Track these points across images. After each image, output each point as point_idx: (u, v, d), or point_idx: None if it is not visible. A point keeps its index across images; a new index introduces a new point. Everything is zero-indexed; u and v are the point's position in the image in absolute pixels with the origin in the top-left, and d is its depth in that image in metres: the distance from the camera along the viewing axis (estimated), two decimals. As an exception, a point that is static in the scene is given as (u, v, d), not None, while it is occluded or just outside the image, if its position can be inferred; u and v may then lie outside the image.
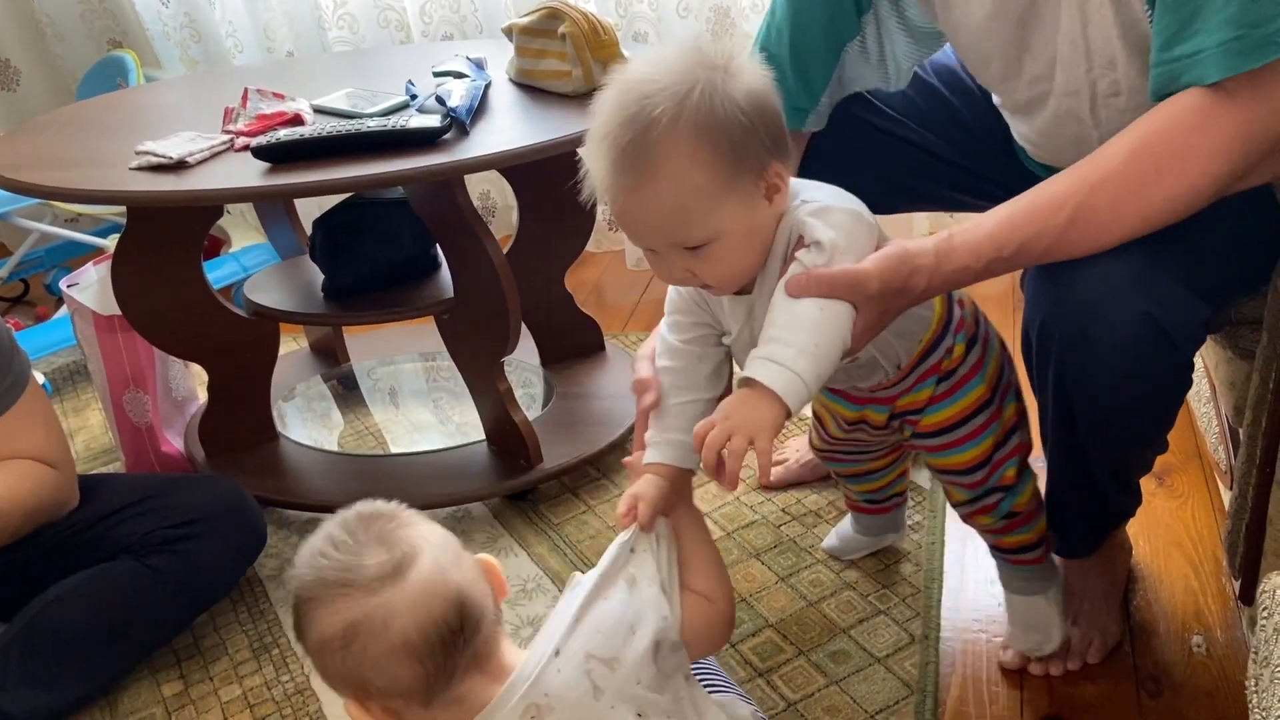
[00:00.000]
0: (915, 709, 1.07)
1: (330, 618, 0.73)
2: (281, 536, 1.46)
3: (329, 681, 0.76)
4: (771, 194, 0.85)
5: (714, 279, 0.86)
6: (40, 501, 1.20)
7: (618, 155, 0.81)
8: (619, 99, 0.82)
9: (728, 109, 0.81)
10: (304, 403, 1.76)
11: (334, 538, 0.76)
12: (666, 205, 0.82)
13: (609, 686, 0.78)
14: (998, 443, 1.04)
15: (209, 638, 1.29)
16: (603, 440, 1.50)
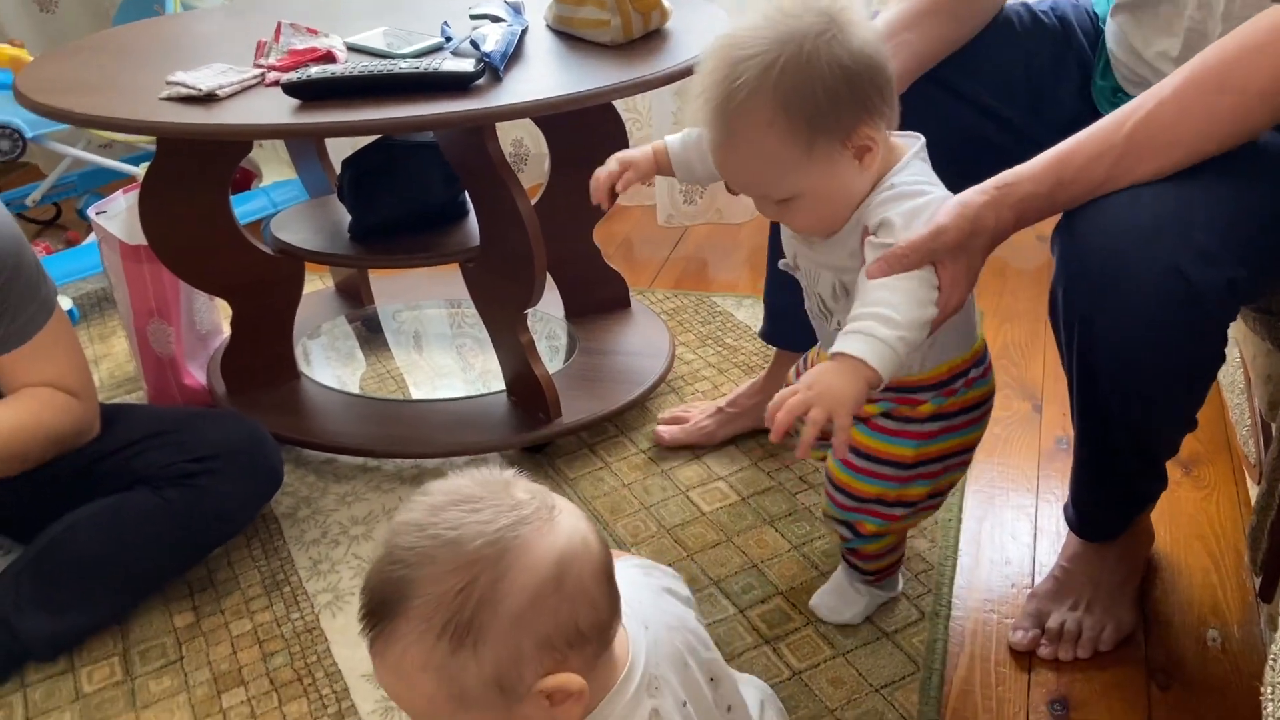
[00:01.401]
0: (921, 685, 1.06)
1: (535, 562, 0.63)
2: (299, 475, 1.47)
3: (527, 651, 0.63)
4: (862, 154, 0.88)
5: (799, 227, 0.95)
6: (61, 430, 1.20)
7: (709, 114, 0.88)
8: (717, 58, 0.87)
9: (813, 77, 0.84)
10: (327, 343, 1.76)
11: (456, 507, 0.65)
12: (747, 166, 0.90)
13: (691, 658, 0.76)
14: (881, 499, 1.03)
15: (222, 571, 1.31)
16: (623, 397, 1.49)
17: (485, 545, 0.63)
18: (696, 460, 1.42)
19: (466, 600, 0.62)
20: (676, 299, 1.85)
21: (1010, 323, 1.70)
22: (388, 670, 0.65)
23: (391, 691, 0.66)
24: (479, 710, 0.64)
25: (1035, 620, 1.11)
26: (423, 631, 0.62)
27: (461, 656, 0.62)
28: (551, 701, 0.64)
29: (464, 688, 0.62)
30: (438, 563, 0.62)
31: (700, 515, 1.33)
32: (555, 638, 0.64)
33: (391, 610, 0.63)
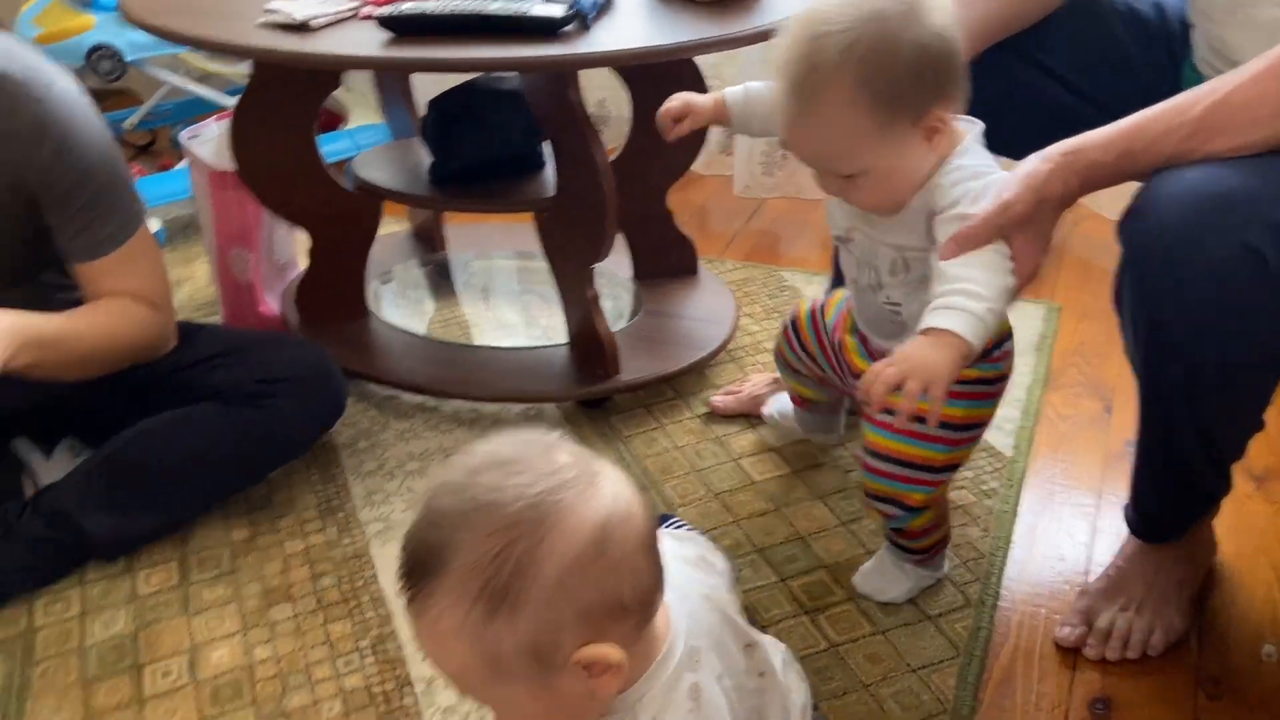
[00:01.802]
0: (960, 671, 1.05)
1: (576, 528, 0.61)
2: (361, 409, 1.50)
3: (566, 620, 0.61)
4: (930, 135, 0.90)
5: (861, 204, 0.96)
6: (139, 340, 1.24)
7: (787, 87, 0.89)
8: (799, 32, 0.89)
9: (895, 55, 0.86)
10: (398, 285, 1.79)
11: (496, 469, 0.63)
12: (821, 140, 0.91)
13: (726, 629, 0.76)
14: (931, 465, 1.03)
15: (281, 493, 1.34)
16: (683, 360, 1.49)
17: (525, 509, 0.61)
18: (751, 430, 1.42)
19: (503, 565, 0.60)
20: (746, 270, 1.84)
21: (1088, 321, 1.66)
22: (424, 633, 0.63)
23: (428, 654, 0.65)
24: (514, 680, 0.62)
25: (1084, 618, 1.09)
26: (458, 596, 0.60)
27: (497, 624, 0.60)
28: (590, 673, 0.63)
29: (499, 656, 0.61)
30: (474, 526, 0.61)
31: (750, 483, 1.33)
32: (596, 608, 0.62)
33: (427, 572, 0.61)
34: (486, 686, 0.64)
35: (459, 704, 1.04)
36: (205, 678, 1.08)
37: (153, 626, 1.15)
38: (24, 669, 1.10)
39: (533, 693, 0.63)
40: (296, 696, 1.05)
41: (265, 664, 1.09)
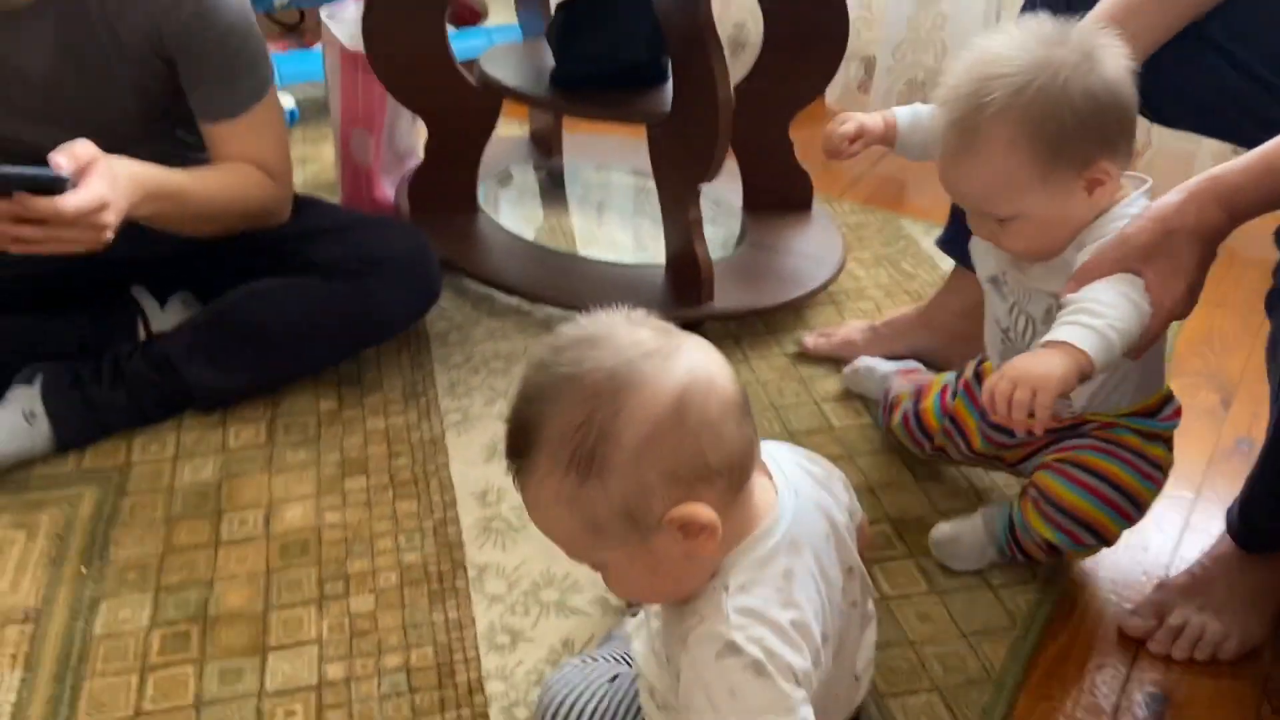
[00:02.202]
0: (1013, 642, 1.02)
1: (654, 396, 0.64)
2: (457, 303, 1.53)
3: (653, 483, 0.64)
4: (1093, 188, 0.90)
5: (1012, 249, 0.95)
6: (256, 205, 1.28)
7: (950, 122, 0.90)
8: (969, 69, 0.90)
9: (1064, 105, 0.86)
10: (511, 187, 1.80)
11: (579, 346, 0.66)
12: (977, 182, 0.91)
13: (832, 543, 0.76)
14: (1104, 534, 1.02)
15: (371, 372, 1.38)
16: (779, 297, 1.46)
17: (603, 380, 0.64)
18: (838, 375, 1.39)
19: (587, 434, 0.64)
20: (863, 214, 1.79)
21: (1223, 309, 1.56)
22: (530, 504, 0.69)
23: (538, 524, 0.70)
24: (616, 541, 0.66)
25: (1157, 611, 1.04)
26: (552, 465, 0.65)
27: (590, 488, 0.64)
28: (685, 534, 0.66)
29: (596, 518, 0.65)
30: (560, 399, 0.65)
31: (828, 427, 1.30)
32: (681, 470, 0.64)
33: (526, 447, 0.66)
34: (592, 550, 0.68)
35: (507, 594, 1.06)
36: (277, 532, 1.13)
37: (236, 479, 1.20)
38: (116, 499, 1.17)
39: (633, 554, 0.67)
40: (358, 563, 1.10)
41: (333, 528, 1.14)
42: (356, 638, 1.01)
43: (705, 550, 0.67)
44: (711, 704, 0.67)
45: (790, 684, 0.67)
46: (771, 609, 0.68)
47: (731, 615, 0.67)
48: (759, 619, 0.68)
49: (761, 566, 0.69)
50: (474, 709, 0.94)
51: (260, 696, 0.95)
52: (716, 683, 0.67)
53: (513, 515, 1.16)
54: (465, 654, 1.00)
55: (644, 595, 0.74)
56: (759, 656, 0.66)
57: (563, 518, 0.67)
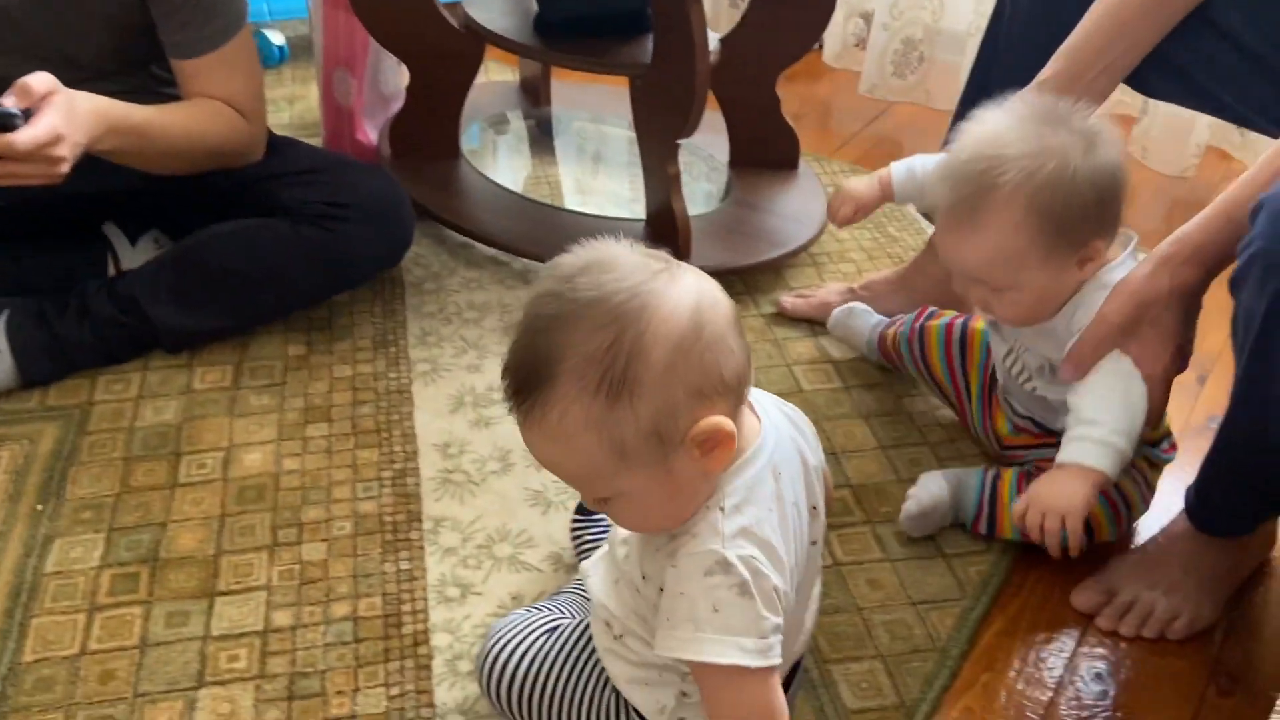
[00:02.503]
0: (961, 612, 1.02)
1: (674, 312, 0.65)
2: (434, 251, 1.51)
3: (679, 399, 0.65)
4: (1083, 263, 0.95)
5: (1002, 316, 0.99)
6: (226, 144, 1.26)
7: (956, 198, 0.93)
8: (977, 149, 0.92)
9: (1073, 194, 0.90)
10: (496, 134, 1.77)
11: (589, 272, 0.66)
12: (979, 255, 0.94)
13: (803, 481, 0.77)
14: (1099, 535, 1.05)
15: (343, 318, 1.37)
16: (758, 255, 1.44)
17: (626, 300, 0.64)
18: (813, 338, 1.38)
19: (617, 355, 0.64)
20: (853, 174, 1.76)
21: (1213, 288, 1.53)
22: (548, 438, 0.67)
23: (551, 460, 0.69)
24: (639, 464, 0.66)
25: (1108, 586, 1.03)
26: (580, 390, 0.64)
27: (620, 409, 0.64)
28: (702, 450, 0.67)
29: (624, 440, 0.65)
30: (583, 322, 0.64)
31: (798, 390, 1.29)
32: (704, 385, 0.66)
33: (544, 377, 0.65)
34: (613, 478, 0.68)
35: (460, 547, 1.06)
36: (234, 477, 1.13)
37: (198, 421, 1.20)
38: (76, 437, 1.17)
39: (655, 476, 0.67)
40: (313, 510, 1.10)
41: (291, 475, 1.14)
42: (305, 585, 1.01)
43: (719, 465, 0.68)
44: (693, 618, 0.68)
45: (769, 609, 0.69)
46: (764, 528, 0.70)
47: (727, 533, 0.69)
48: (751, 538, 0.69)
49: (752, 487, 0.71)
50: (418, 660, 0.95)
51: (205, 640, 0.96)
52: (702, 598, 0.68)
53: (473, 468, 1.16)
54: (414, 605, 1.00)
55: (654, 523, 0.72)
56: (746, 577, 0.68)
57: (588, 446, 0.66)
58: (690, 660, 0.70)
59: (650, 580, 0.73)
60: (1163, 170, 1.80)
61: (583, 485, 0.71)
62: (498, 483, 1.14)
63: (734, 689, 0.70)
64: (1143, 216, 1.71)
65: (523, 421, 0.67)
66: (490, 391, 1.27)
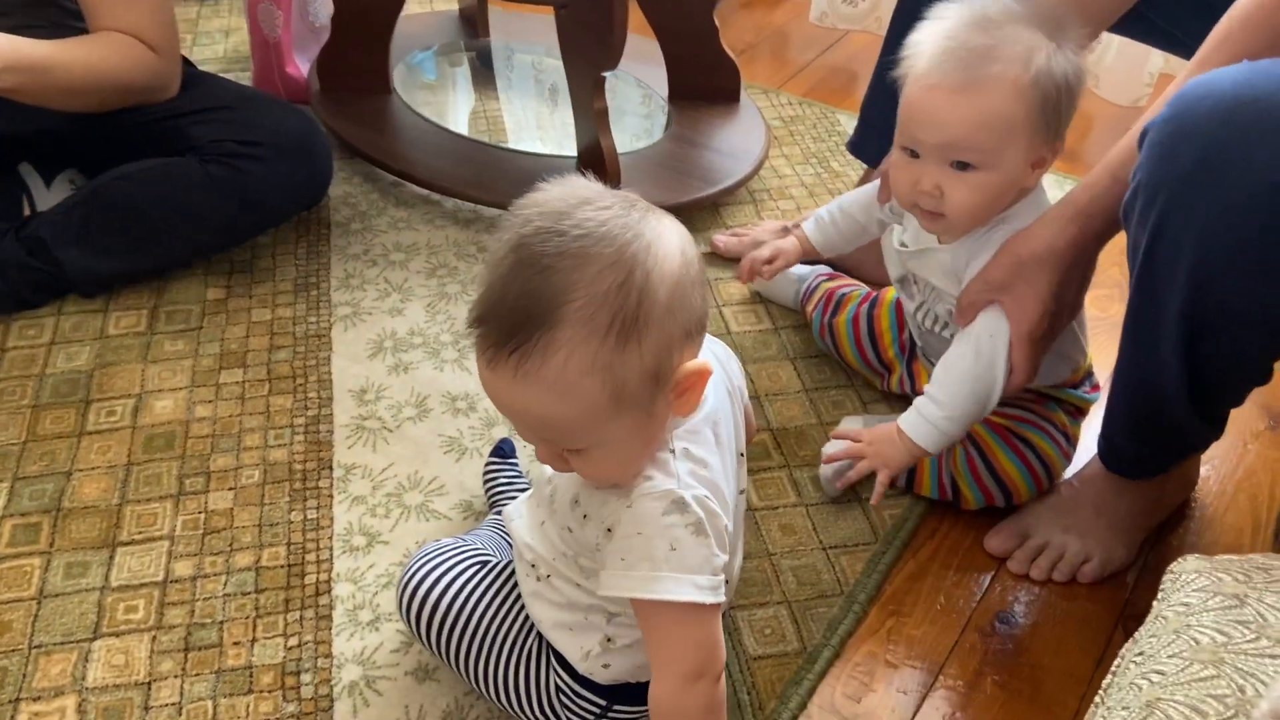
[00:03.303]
0: (871, 557, 1.01)
1: (671, 251, 0.64)
2: (364, 189, 1.47)
3: (676, 338, 0.64)
4: (1037, 166, 0.92)
5: (953, 201, 0.92)
6: (133, 80, 1.22)
7: (955, 56, 0.87)
8: (969, 10, 0.89)
9: (1060, 79, 0.88)
10: (431, 67, 1.72)
11: (583, 207, 0.63)
12: (976, 116, 0.88)
13: (734, 426, 0.77)
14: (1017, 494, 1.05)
15: (263, 260, 1.34)
16: (690, 194, 1.41)
17: (632, 238, 0.62)
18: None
19: (628, 294, 0.61)
20: (800, 107, 1.72)
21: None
22: (542, 387, 0.62)
23: (537, 410, 0.64)
24: (629, 408, 0.64)
25: (1020, 530, 1.03)
26: (589, 331, 0.61)
27: (629, 351, 0.62)
28: (677, 393, 0.66)
29: (625, 383, 0.63)
30: (591, 260, 0.61)
31: (725, 332, 1.27)
32: (691, 324, 0.65)
33: (546, 320, 0.61)
34: (599, 427, 0.64)
35: (370, 495, 1.05)
36: (143, 424, 1.11)
37: (110, 367, 1.18)
38: (-17, 385, 1.15)
39: (638, 421, 0.65)
40: (222, 458, 1.08)
41: (202, 423, 1.12)
42: (209, 535, 1.00)
43: (688, 408, 0.68)
44: (650, 557, 0.68)
45: (720, 547, 0.69)
46: (714, 471, 0.70)
47: (682, 475, 0.68)
48: (702, 479, 0.69)
49: (698, 431, 0.71)
50: (318, 611, 0.94)
51: (104, 591, 0.95)
52: (659, 538, 0.68)
53: (388, 415, 1.14)
54: (318, 555, 0.99)
55: (623, 472, 0.69)
56: (701, 516, 0.68)
57: (588, 392, 0.62)
58: (647, 599, 0.69)
59: (593, 520, 0.72)
60: (1115, 100, 1.76)
61: (563, 436, 0.66)
62: (413, 429, 1.12)
63: (686, 625, 0.70)
64: (1096, 147, 1.67)
65: (513, 373, 0.62)
66: (411, 336, 1.24)
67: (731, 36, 1.92)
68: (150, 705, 0.86)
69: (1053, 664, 0.94)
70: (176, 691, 0.87)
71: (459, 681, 0.88)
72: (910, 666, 0.93)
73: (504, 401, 0.66)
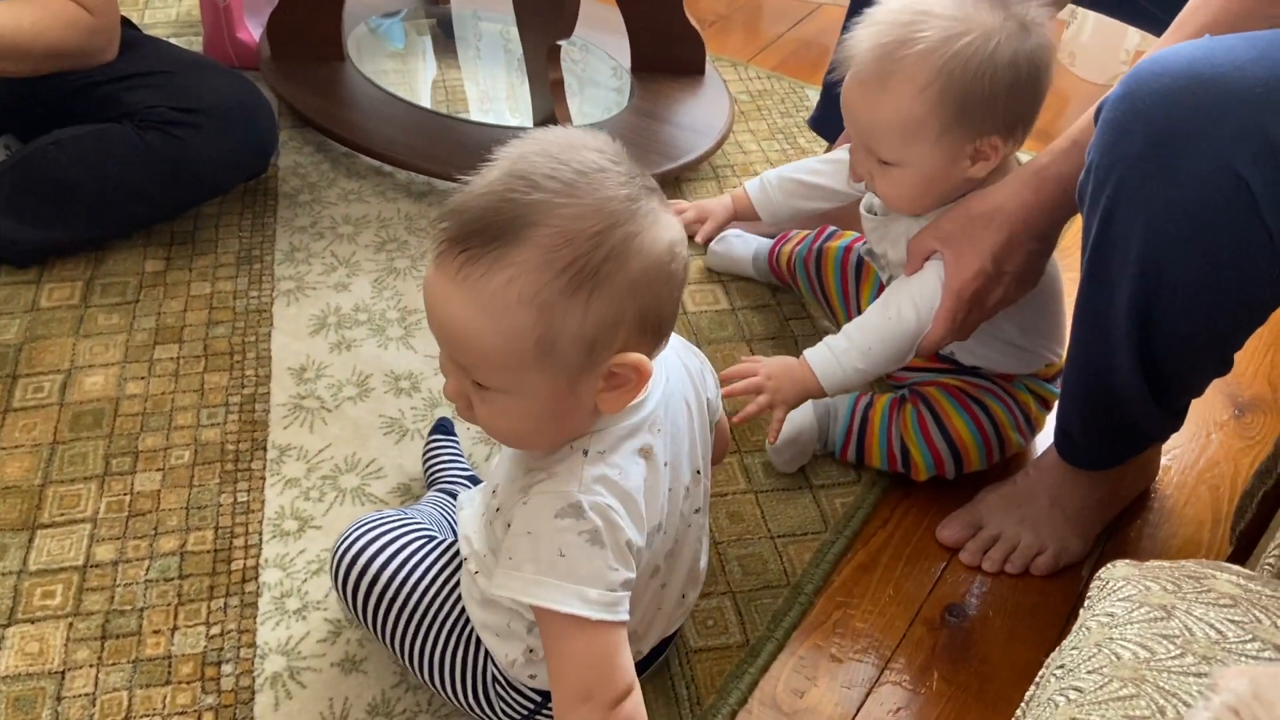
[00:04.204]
0: (820, 547, 0.98)
1: (661, 235, 0.62)
2: (314, 160, 1.43)
3: (628, 318, 0.61)
4: (976, 159, 0.90)
5: (885, 194, 0.94)
6: (65, 43, 1.17)
7: (872, 47, 0.87)
8: (905, 4, 0.87)
9: (986, 70, 0.84)
10: (388, 34, 1.67)
11: (595, 153, 0.61)
12: (877, 116, 0.89)
13: (687, 442, 0.73)
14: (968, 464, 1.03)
15: (206, 231, 1.30)
16: (650, 168, 1.35)
17: (628, 199, 0.60)
18: (701, 255, 1.31)
19: (599, 246, 0.59)
20: (769, 81, 1.67)
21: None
22: (476, 300, 0.59)
23: (460, 325, 0.60)
24: (552, 368, 0.61)
25: (973, 520, 1.00)
26: (545, 263, 0.58)
27: (575, 301, 0.59)
28: (608, 384, 0.63)
29: (558, 334, 0.60)
30: (579, 197, 0.59)
31: (682, 312, 1.24)
32: (649, 315, 0.62)
33: (509, 234, 0.58)
34: (515, 371, 0.61)
35: (304, 478, 1.01)
36: (71, 401, 1.07)
37: (40, 341, 1.13)
38: (-97, 359, 1.10)
39: (555, 387, 0.62)
40: (150, 438, 1.04)
41: (132, 400, 1.08)
42: (134, 518, 0.96)
43: (614, 405, 0.64)
44: (536, 559, 0.64)
45: (621, 562, 0.65)
46: (628, 480, 0.66)
47: (586, 479, 0.65)
48: (612, 487, 0.65)
49: (623, 438, 0.67)
50: (244, 598, 0.90)
51: (20, 575, 0.91)
52: (548, 540, 0.64)
53: (328, 394, 1.10)
54: (247, 540, 0.95)
55: (522, 437, 0.67)
56: (598, 525, 0.64)
57: (518, 325, 0.59)
58: (528, 603, 0.66)
59: (502, 513, 0.69)
60: (1091, 78, 1.72)
61: (478, 366, 0.62)
62: (352, 410, 1.09)
63: (572, 640, 0.65)
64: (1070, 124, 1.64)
65: (455, 273, 0.59)
66: (356, 312, 1.20)
67: (704, 7, 1.88)
68: (63, 695, 0.83)
69: (1002, 658, 0.92)
70: (91, 681, 0.84)
71: (386, 674, 0.85)
72: (856, 660, 0.90)
73: (436, 306, 0.62)
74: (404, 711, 0.83)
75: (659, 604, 0.77)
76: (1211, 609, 0.38)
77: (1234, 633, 0.37)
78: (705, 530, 0.81)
